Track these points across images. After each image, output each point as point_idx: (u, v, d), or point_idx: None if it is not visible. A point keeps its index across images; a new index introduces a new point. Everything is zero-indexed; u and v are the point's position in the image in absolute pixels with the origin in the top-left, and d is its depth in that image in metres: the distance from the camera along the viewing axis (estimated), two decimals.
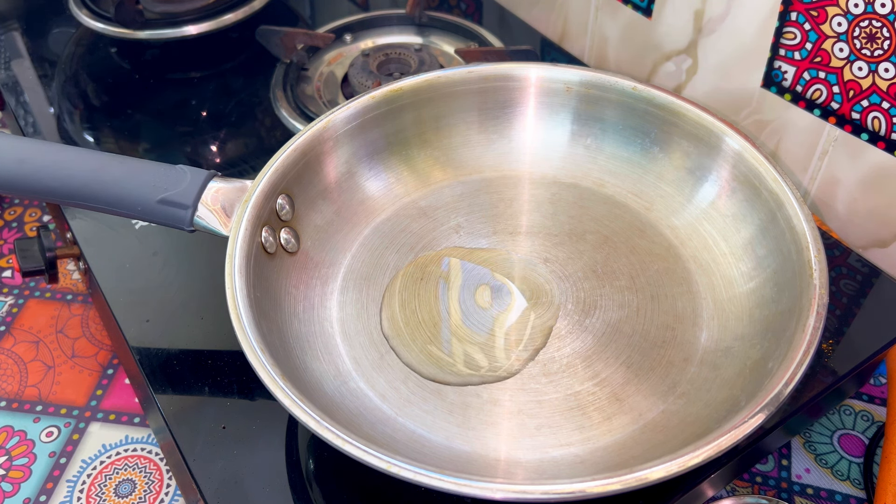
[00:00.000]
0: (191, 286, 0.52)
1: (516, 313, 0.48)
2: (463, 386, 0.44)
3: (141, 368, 0.47)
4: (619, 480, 0.34)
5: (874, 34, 0.50)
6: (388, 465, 0.34)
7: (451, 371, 0.45)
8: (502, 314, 0.48)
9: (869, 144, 0.54)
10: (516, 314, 0.48)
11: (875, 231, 0.56)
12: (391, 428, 0.42)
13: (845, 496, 0.47)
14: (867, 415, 0.51)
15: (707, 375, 0.44)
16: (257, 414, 0.44)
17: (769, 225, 0.47)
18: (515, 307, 0.48)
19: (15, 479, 0.48)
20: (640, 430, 0.42)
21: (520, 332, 0.47)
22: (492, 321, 0.47)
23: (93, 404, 0.52)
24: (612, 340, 0.46)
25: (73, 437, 0.50)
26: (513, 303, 0.48)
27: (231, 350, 0.39)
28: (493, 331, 0.47)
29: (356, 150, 0.53)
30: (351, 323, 0.47)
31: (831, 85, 0.54)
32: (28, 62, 0.73)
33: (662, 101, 0.52)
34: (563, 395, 0.44)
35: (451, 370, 0.45)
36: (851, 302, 0.50)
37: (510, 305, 0.48)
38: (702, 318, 0.47)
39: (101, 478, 0.48)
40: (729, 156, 0.50)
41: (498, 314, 0.48)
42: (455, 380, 0.44)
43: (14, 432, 0.50)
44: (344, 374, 0.45)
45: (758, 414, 0.36)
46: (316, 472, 0.42)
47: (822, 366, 0.46)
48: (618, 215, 0.54)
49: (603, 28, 0.71)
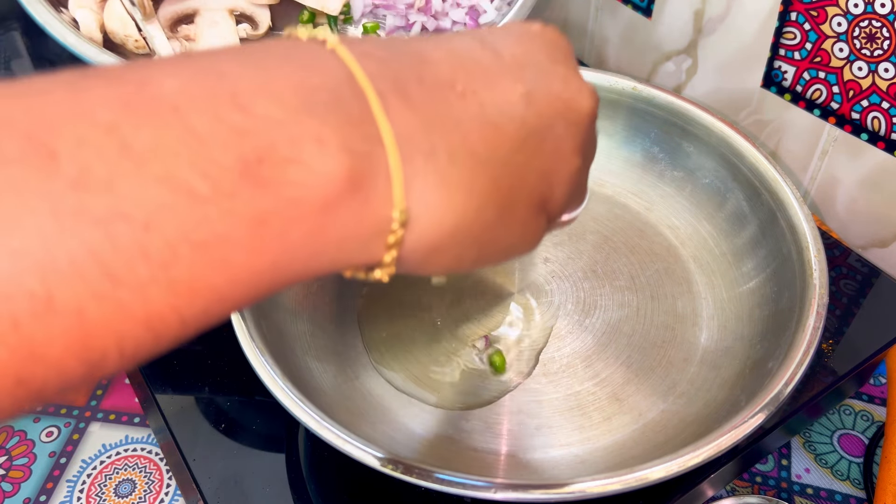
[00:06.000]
0: None
1: (515, 331, 0.47)
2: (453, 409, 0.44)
3: (141, 368, 0.47)
4: (619, 480, 0.34)
5: (874, 34, 0.50)
6: (388, 466, 0.34)
7: (441, 394, 0.45)
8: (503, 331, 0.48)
9: (869, 144, 0.54)
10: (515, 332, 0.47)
11: (875, 231, 0.56)
12: (391, 428, 0.42)
13: (845, 496, 0.47)
14: (867, 415, 0.51)
15: (707, 375, 0.44)
16: (257, 414, 0.44)
17: (769, 225, 0.47)
18: (514, 324, 0.48)
19: (15, 478, 0.48)
20: (640, 430, 0.42)
21: (517, 351, 0.47)
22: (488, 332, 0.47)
23: (93, 404, 0.52)
24: (612, 340, 0.46)
25: (73, 436, 0.50)
26: (512, 319, 0.48)
27: (231, 350, 0.39)
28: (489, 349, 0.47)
29: None
30: (350, 322, 0.47)
31: (831, 85, 0.54)
32: (28, 62, 0.73)
33: (662, 101, 0.52)
34: (563, 395, 0.44)
35: (440, 392, 0.45)
36: (851, 302, 0.50)
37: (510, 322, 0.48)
38: (702, 317, 0.47)
39: (101, 478, 0.48)
40: (729, 156, 0.50)
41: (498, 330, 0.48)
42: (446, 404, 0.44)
43: (14, 432, 0.50)
44: (344, 373, 0.45)
45: (758, 414, 0.36)
46: (316, 472, 0.42)
47: (822, 366, 0.46)
48: (618, 215, 0.54)
49: (603, 28, 0.71)
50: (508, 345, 0.46)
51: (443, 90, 0.24)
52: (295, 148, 0.20)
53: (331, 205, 0.21)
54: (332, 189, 0.21)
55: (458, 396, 0.44)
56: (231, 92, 0.20)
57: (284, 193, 0.20)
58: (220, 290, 0.20)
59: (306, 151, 0.20)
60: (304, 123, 0.20)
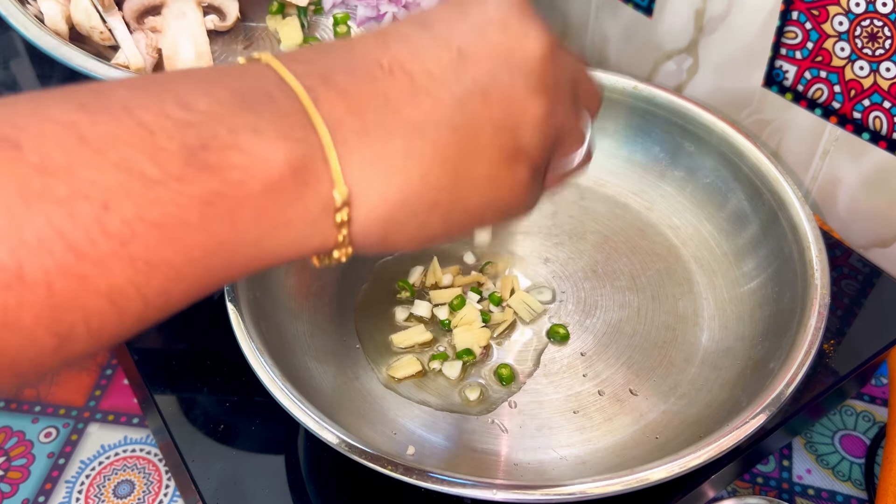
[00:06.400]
0: None
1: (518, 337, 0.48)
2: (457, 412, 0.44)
3: (139, 369, 0.46)
4: (621, 481, 0.34)
5: (875, 33, 0.50)
6: (388, 466, 0.34)
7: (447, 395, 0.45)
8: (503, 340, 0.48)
9: (870, 144, 0.54)
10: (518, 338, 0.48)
11: (876, 231, 0.56)
12: (391, 428, 0.42)
13: (846, 497, 0.47)
14: (868, 415, 0.51)
15: (708, 376, 0.44)
16: (257, 414, 0.44)
17: (770, 225, 0.47)
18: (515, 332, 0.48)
19: (13, 479, 0.48)
20: (641, 430, 0.42)
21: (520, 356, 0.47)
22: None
23: (91, 405, 0.52)
24: (612, 341, 0.46)
25: (72, 437, 0.50)
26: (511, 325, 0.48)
27: (231, 350, 0.39)
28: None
29: None
30: (350, 323, 0.47)
31: (832, 84, 0.54)
32: (27, 61, 0.73)
33: (663, 100, 0.52)
34: (563, 396, 0.44)
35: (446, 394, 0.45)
36: (853, 302, 0.50)
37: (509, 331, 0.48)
38: (703, 318, 0.47)
39: (100, 478, 0.48)
40: (730, 155, 0.50)
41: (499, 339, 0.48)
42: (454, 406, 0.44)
43: (12, 433, 0.50)
44: (343, 374, 0.44)
45: (759, 414, 0.36)
46: (316, 472, 0.42)
47: (824, 366, 0.46)
48: (618, 215, 0.53)
49: (603, 27, 0.71)
50: (508, 346, 0.46)
51: (371, 72, 0.25)
52: (234, 136, 0.22)
53: (273, 187, 0.23)
54: (272, 172, 0.23)
55: (458, 397, 0.44)
56: (175, 94, 0.23)
57: (228, 177, 0.22)
58: (176, 267, 0.22)
59: (244, 139, 0.22)
60: (241, 116, 0.23)
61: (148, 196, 0.21)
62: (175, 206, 0.21)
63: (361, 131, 0.24)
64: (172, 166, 0.21)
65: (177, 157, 0.21)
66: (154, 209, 0.21)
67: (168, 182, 0.21)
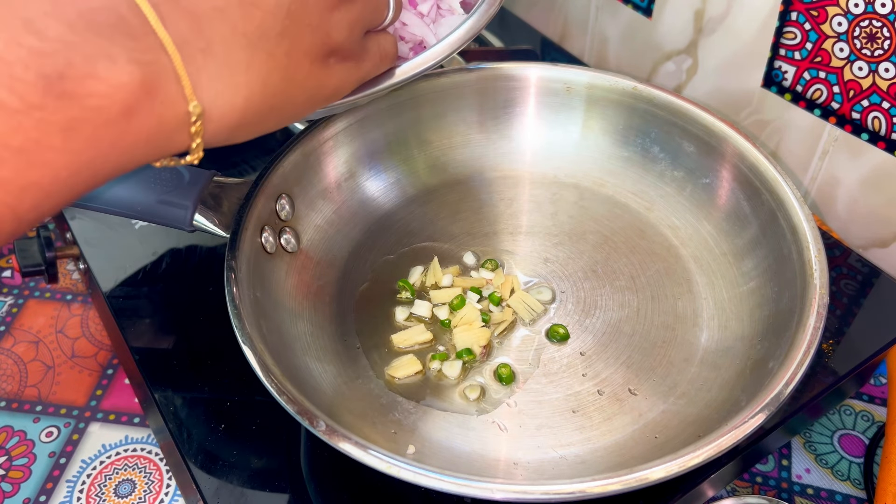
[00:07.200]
0: (190, 286, 0.52)
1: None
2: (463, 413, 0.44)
3: (140, 369, 0.46)
4: (620, 481, 0.34)
5: (874, 34, 0.50)
6: (388, 466, 0.34)
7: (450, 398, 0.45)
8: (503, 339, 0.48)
9: (869, 144, 0.54)
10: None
11: (875, 231, 0.56)
12: (391, 428, 0.42)
13: (845, 496, 0.47)
14: (867, 415, 0.51)
15: (707, 375, 0.44)
16: (257, 414, 0.44)
17: (770, 225, 0.47)
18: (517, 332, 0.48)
19: (15, 479, 0.48)
20: (641, 430, 0.42)
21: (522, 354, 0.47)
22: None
23: (92, 404, 0.52)
24: (612, 340, 0.46)
25: (73, 437, 0.50)
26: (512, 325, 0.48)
27: (231, 350, 0.39)
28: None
29: (356, 150, 0.53)
30: (350, 323, 0.47)
31: (831, 85, 0.54)
32: None
33: (663, 100, 0.52)
34: (563, 396, 0.44)
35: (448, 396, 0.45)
36: (852, 302, 0.50)
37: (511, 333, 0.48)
38: (702, 318, 0.47)
39: (101, 478, 0.48)
40: (729, 156, 0.50)
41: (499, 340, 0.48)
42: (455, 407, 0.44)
43: (14, 432, 0.50)
44: (344, 373, 0.44)
45: (758, 414, 0.36)
46: (316, 472, 0.42)
47: (823, 366, 0.46)
48: (618, 215, 0.53)
49: (603, 28, 0.71)
50: (508, 346, 0.46)
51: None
52: (90, 65, 0.24)
53: (131, 109, 0.25)
54: (129, 96, 0.25)
55: (458, 397, 0.44)
56: (22, 18, 0.24)
57: (88, 104, 0.24)
58: (45, 188, 0.24)
59: (100, 67, 0.24)
60: (94, 43, 0.24)
61: (9, 124, 0.23)
62: (38, 132, 0.23)
63: (206, 49, 0.27)
64: (32, 96, 0.23)
65: (35, 87, 0.23)
66: (17, 136, 0.23)
67: (29, 111, 0.23)
